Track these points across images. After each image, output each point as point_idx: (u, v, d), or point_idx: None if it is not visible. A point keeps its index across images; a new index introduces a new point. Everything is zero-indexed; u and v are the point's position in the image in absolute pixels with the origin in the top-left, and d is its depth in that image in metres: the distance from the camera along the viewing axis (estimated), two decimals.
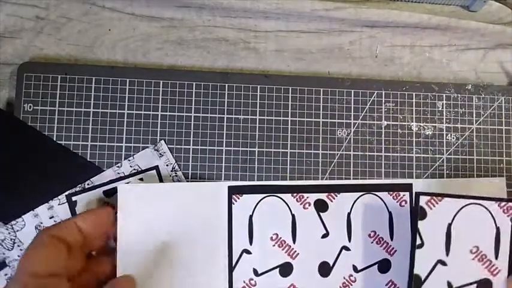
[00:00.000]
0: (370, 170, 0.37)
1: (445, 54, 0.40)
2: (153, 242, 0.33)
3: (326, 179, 0.37)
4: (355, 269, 0.35)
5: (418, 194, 0.32)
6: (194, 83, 0.36)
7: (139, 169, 0.35)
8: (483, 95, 0.39)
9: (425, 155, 0.38)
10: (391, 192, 0.36)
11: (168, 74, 0.36)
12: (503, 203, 0.32)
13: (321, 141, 0.37)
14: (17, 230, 0.34)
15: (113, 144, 0.35)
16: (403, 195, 0.36)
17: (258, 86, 0.37)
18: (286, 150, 0.37)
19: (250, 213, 0.35)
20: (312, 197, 0.35)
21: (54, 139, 0.35)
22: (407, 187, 0.36)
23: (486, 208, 0.32)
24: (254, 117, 0.37)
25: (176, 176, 0.35)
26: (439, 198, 0.32)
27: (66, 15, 0.37)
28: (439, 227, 0.32)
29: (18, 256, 0.33)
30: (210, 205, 0.34)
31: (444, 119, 0.38)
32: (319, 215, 0.35)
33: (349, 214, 0.35)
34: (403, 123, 0.38)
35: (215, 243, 0.34)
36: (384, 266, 0.35)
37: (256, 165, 0.36)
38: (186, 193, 0.34)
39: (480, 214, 0.32)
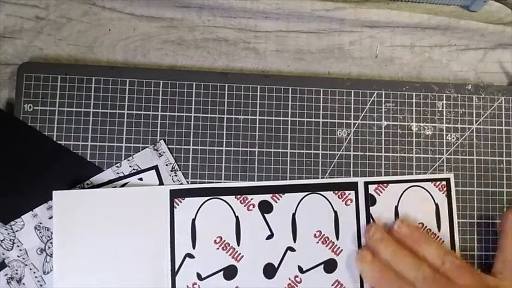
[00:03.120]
0: (370, 170, 0.37)
1: (445, 54, 0.40)
2: (93, 248, 0.33)
3: (326, 178, 0.36)
4: (300, 269, 0.35)
5: (366, 183, 0.36)
6: (194, 83, 0.36)
7: (139, 169, 0.35)
8: (483, 95, 0.39)
9: (425, 155, 0.38)
10: (336, 192, 0.36)
11: (168, 74, 0.36)
12: (437, 182, 0.37)
13: (321, 141, 0.37)
14: (16, 231, 0.34)
15: (112, 144, 0.35)
16: (348, 194, 0.36)
17: (258, 86, 0.37)
18: (286, 150, 0.37)
19: (193, 217, 0.34)
20: (256, 199, 0.35)
21: (54, 139, 0.35)
22: (353, 186, 0.36)
23: (424, 188, 0.37)
24: (254, 117, 0.37)
25: (176, 175, 0.35)
26: (385, 184, 0.36)
27: (66, 15, 0.37)
28: (388, 210, 0.36)
29: (18, 256, 0.33)
30: (152, 209, 0.34)
31: (444, 119, 0.38)
32: (264, 216, 0.35)
33: (294, 214, 0.35)
34: (403, 123, 0.38)
35: (157, 247, 0.34)
36: (329, 266, 0.35)
37: (256, 165, 0.36)
38: (126, 198, 0.34)
39: (420, 194, 0.37)
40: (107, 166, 0.35)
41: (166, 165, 0.35)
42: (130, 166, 0.35)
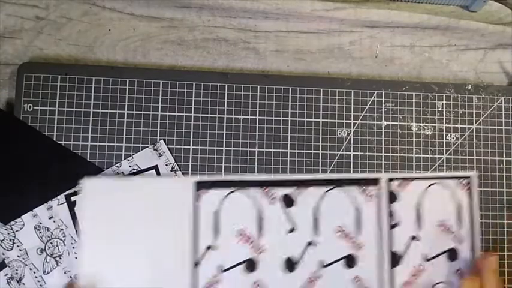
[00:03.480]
0: (370, 170, 0.37)
1: (445, 54, 0.40)
2: (118, 236, 0.33)
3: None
4: (321, 264, 0.35)
5: (389, 179, 0.35)
6: (194, 83, 0.36)
7: (139, 169, 0.35)
8: (483, 95, 0.39)
9: (425, 155, 0.38)
10: (358, 187, 0.36)
11: (168, 74, 0.36)
12: (460, 180, 0.36)
13: (321, 141, 0.37)
14: (16, 231, 0.34)
15: (112, 144, 0.35)
16: (371, 189, 0.36)
17: (258, 86, 0.37)
18: (286, 150, 0.37)
19: (216, 209, 0.34)
20: (279, 192, 0.35)
21: (54, 139, 0.35)
22: (375, 182, 0.36)
23: (447, 186, 0.36)
24: (254, 117, 0.37)
25: (176, 175, 0.35)
26: (408, 181, 0.36)
27: (66, 15, 0.37)
28: (410, 206, 0.36)
29: (18, 256, 0.33)
30: (176, 200, 0.34)
31: (444, 119, 0.38)
32: (286, 210, 0.35)
33: (316, 209, 0.35)
34: (403, 123, 0.38)
35: (180, 238, 0.34)
36: (350, 261, 0.35)
37: (256, 165, 0.36)
38: (152, 187, 0.34)
39: (443, 191, 0.36)
40: (107, 166, 0.35)
41: (166, 165, 0.35)
42: (130, 166, 0.35)
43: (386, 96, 0.38)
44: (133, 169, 0.35)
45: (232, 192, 0.35)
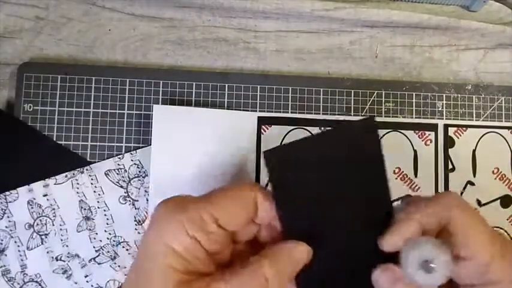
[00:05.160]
0: None
1: (445, 54, 0.40)
2: (185, 164, 0.34)
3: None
4: None
5: (447, 126, 0.37)
6: (194, 83, 0.36)
7: (140, 164, 0.35)
8: (483, 95, 0.39)
9: None
10: (416, 131, 0.37)
11: (168, 74, 0.36)
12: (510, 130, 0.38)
13: None
14: (10, 202, 0.34)
15: (113, 144, 0.35)
16: (429, 134, 0.37)
17: (258, 86, 0.37)
18: None
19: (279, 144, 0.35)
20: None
21: (54, 139, 0.35)
22: (433, 127, 0.37)
23: (501, 135, 0.38)
24: None
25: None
26: (464, 128, 0.38)
27: (66, 15, 0.37)
28: (466, 152, 0.37)
29: (6, 227, 0.33)
30: (240, 133, 0.35)
31: (444, 119, 0.38)
32: None
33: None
34: None
35: (243, 170, 0.35)
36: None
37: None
38: (217, 119, 0.35)
39: (497, 140, 0.38)
40: None
41: None
42: (132, 160, 0.35)
43: (386, 96, 0.38)
44: (135, 163, 0.35)
45: (293, 129, 0.36)
